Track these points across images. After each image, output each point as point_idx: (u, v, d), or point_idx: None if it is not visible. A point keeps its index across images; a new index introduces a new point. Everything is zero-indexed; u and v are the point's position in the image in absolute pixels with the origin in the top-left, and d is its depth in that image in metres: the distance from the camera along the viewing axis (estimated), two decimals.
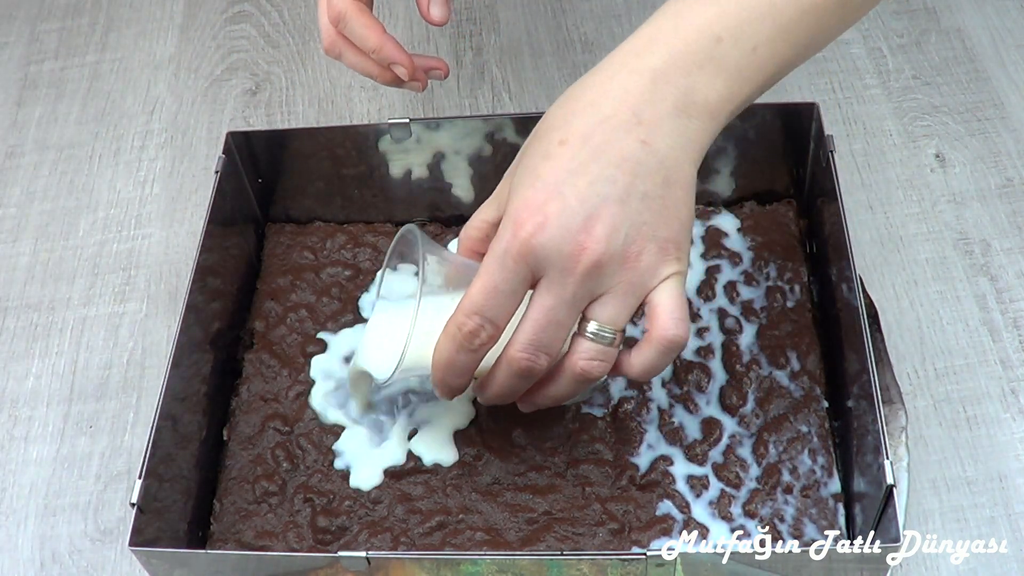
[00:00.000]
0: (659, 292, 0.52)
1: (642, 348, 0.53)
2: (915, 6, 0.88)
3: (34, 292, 0.79)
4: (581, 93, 0.53)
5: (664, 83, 0.51)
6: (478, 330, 0.52)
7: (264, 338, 0.69)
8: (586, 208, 0.50)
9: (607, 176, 0.50)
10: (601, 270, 0.51)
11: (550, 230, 0.50)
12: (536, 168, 0.52)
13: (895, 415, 0.64)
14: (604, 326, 0.52)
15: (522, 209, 0.51)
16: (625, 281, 0.51)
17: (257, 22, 0.95)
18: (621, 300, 0.52)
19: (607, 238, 0.50)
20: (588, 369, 0.53)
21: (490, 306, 0.52)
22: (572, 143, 0.51)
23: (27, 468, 0.70)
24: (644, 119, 0.51)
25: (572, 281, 0.51)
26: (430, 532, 0.60)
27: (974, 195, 0.76)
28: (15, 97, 0.92)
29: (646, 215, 0.51)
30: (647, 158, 0.51)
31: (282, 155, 0.72)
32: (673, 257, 0.52)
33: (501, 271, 0.51)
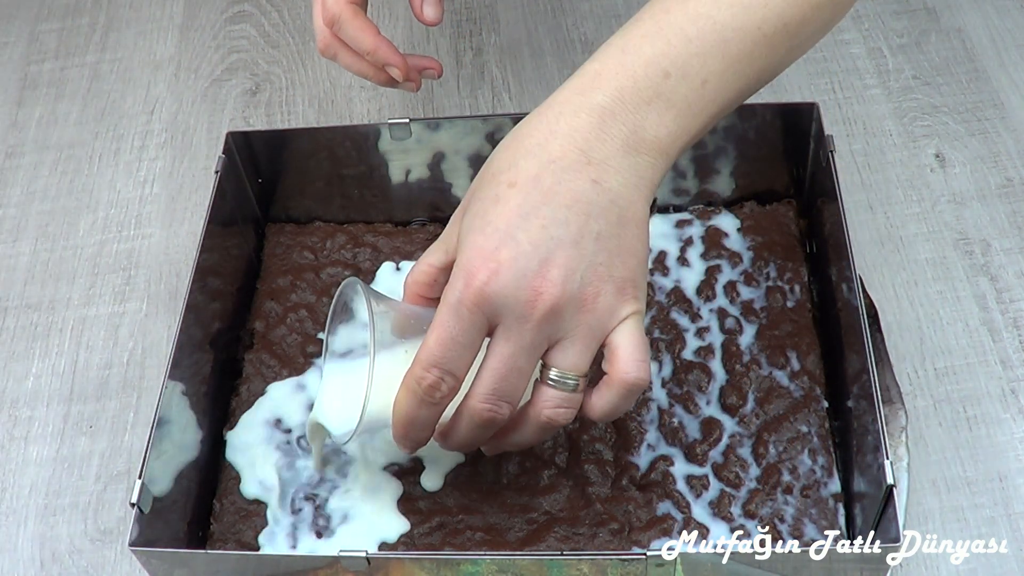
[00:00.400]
0: (618, 334, 0.51)
1: (602, 391, 0.52)
2: (915, 6, 0.88)
3: (34, 292, 0.79)
4: (528, 134, 0.52)
5: (612, 120, 0.51)
6: (438, 383, 0.51)
7: (264, 338, 0.69)
8: (540, 252, 0.49)
9: (560, 218, 0.50)
10: (559, 314, 0.50)
11: (504, 277, 0.49)
12: (486, 213, 0.51)
13: (895, 415, 0.64)
14: (566, 372, 0.51)
15: (475, 257, 0.50)
16: (584, 324, 0.50)
17: (257, 22, 0.95)
18: (581, 344, 0.51)
19: (563, 281, 0.49)
20: (553, 417, 0.52)
21: (448, 358, 0.50)
22: (522, 186, 0.50)
23: (27, 468, 0.70)
24: (594, 158, 0.50)
25: (530, 327, 0.50)
26: (430, 532, 0.60)
27: (974, 195, 0.76)
28: (15, 97, 0.92)
29: (601, 256, 0.50)
30: (599, 197, 0.50)
31: (282, 155, 0.72)
32: (631, 296, 0.51)
33: (457, 322, 0.50)
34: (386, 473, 0.63)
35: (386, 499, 0.62)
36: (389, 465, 0.63)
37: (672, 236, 0.71)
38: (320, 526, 0.61)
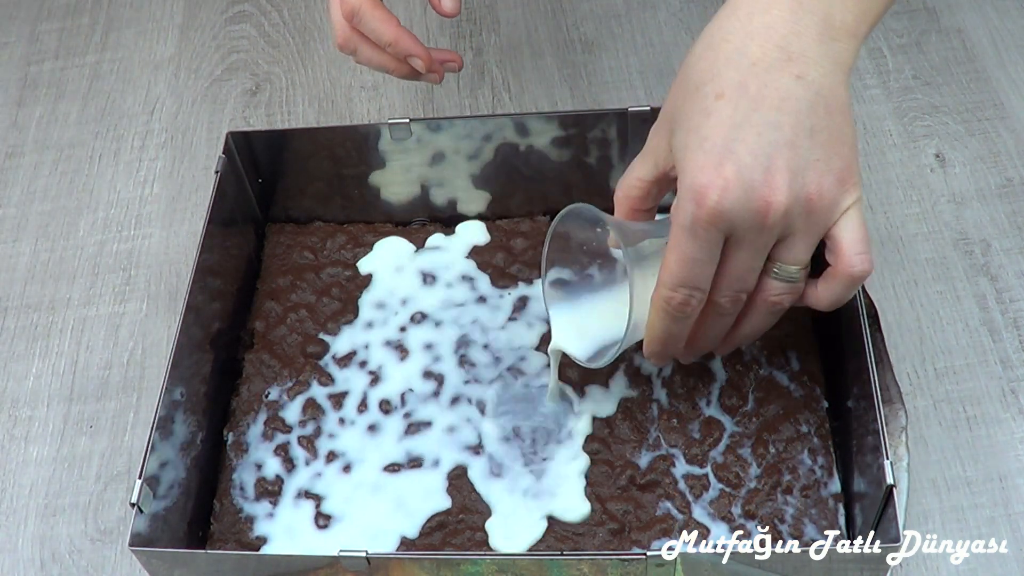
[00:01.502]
0: (840, 227, 0.52)
1: (828, 282, 0.54)
2: (915, 6, 0.88)
3: (34, 292, 0.79)
4: (724, 38, 0.52)
5: (802, 11, 0.51)
6: (687, 300, 0.53)
7: (264, 338, 0.69)
8: (761, 161, 0.50)
9: (772, 122, 0.50)
10: (788, 218, 0.51)
11: (733, 193, 0.50)
12: (700, 128, 0.51)
13: (895, 415, 0.64)
14: (790, 266, 0.53)
15: (699, 175, 0.50)
16: (810, 223, 0.51)
17: (257, 22, 0.95)
18: (805, 240, 0.52)
19: (789, 186, 0.50)
20: (779, 302, 0.54)
21: (692, 276, 0.52)
22: (729, 95, 0.51)
23: (27, 468, 0.70)
24: (793, 53, 0.51)
25: (763, 234, 0.51)
26: (430, 532, 0.60)
27: (974, 195, 0.76)
28: (15, 97, 0.92)
29: (818, 151, 0.51)
30: (805, 92, 0.50)
31: (282, 155, 0.72)
32: (851, 184, 0.52)
33: (694, 241, 0.51)
34: (386, 473, 0.63)
35: (386, 499, 0.62)
36: (389, 465, 0.63)
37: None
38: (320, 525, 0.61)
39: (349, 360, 0.68)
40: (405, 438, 0.64)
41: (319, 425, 0.65)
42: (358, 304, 0.70)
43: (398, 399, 0.65)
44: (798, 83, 0.50)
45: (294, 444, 0.64)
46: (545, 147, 0.70)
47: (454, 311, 0.69)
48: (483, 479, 0.62)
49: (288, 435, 0.65)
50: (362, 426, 0.65)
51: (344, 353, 0.68)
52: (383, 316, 0.69)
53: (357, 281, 0.71)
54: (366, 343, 0.68)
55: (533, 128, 0.69)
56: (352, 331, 0.69)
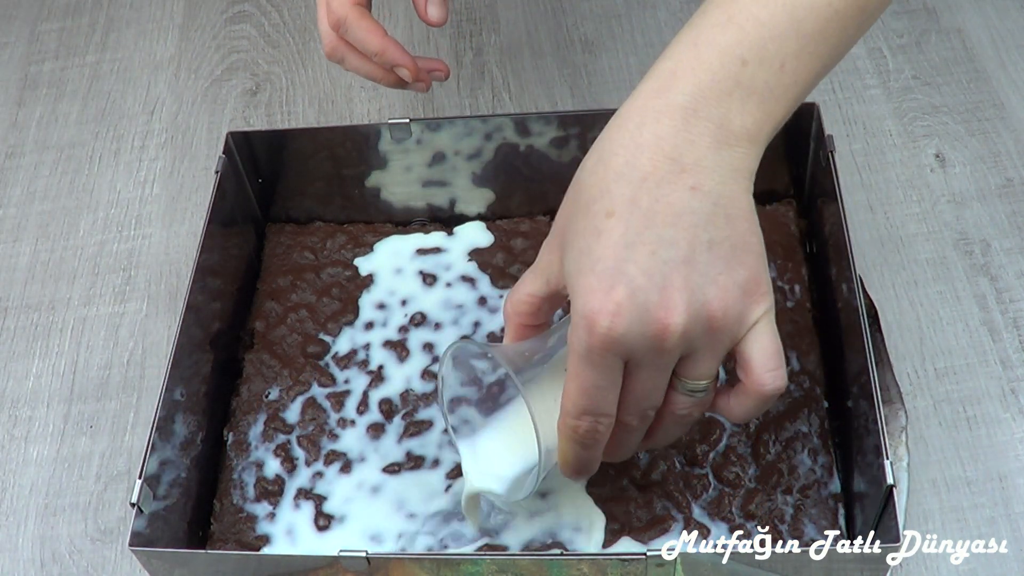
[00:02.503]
0: (749, 342, 0.50)
1: (740, 398, 0.52)
2: (915, 6, 0.88)
3: (34, 292, 0.79)
4: (613, 152, 0.50)
5: (696, 119, 0.48)
6: (594, 427, 0.50)
7: (264, 338, 0.69)
8: (655, 281, 0.47)
9: (666, 239, 0.47)
10: (688, 337, 0.48)
11: (626, 317, 0.47)
12: (591, 250, 0.48)
13: (895, 415, 0.64)
14: (696, 381, 0.50)
15: (589, 300, 0.47)
16: (713, 339, 0.49)
17: (257, 22, 0.95)
18: (711, 356, 0.50)
19: (687, 305, 0.47)
20: (688, 415, 0.52)
21: (594, 403, 0.49)
22: (620, 213, 0.48)
23: (27, 468, 0.70)
24: (686, 164, 0.48)
25: (664, 355, 0.48)
26: (430, 532, 0.60)
27: (974, 195, 0.76)
28: (15, 97, 0.92)
29: (719, 264, 0.48)
30: (700, 205, 0.48)
31: (282, 155, 0.72)
32: (759, 295, 0.49)
33: (591, 369, 0.48)
34: (386, 473, 0.63)
35: (386, 499, 0.62)
36: (389, 465, 0.63)
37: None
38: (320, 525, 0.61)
39: (349, 360, 0.68)
40: (405, 438, 0.64)
41: (319, 425, 0.65)
42: (358, 304, 0.70)
43: (398, 399, 0.65)
44: (693, 195, 0.48)
45: (294, 444, 0.64)
46: (545, 147, 0.70)
47: (454, 312, 0.69)
48: None
49: (288, 435, 0.65)
50: (362, 426, 0.65)
51: (344, 353, 0.68)
52: (383, 316, 0.69)
53: (357, 281, 0.71)
54: (366, 343, 0.68)
55: (533, 128, 0.69)
56: (352, 331, 0.69)
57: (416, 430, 0.64)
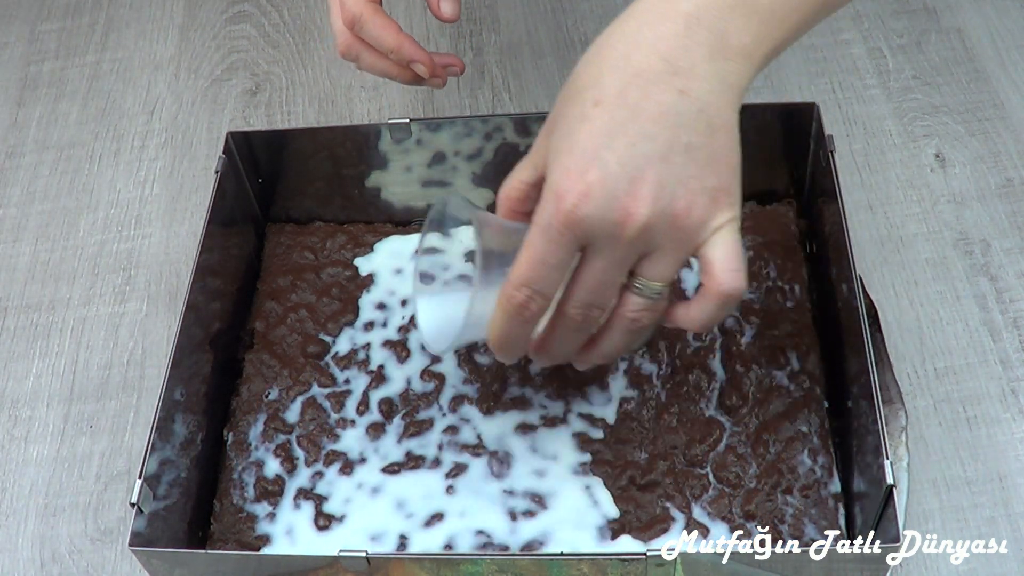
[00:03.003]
0: (711, 245, 0.51)
1: (700, 302, 0.52)
2: (915, 6, 0.88)
3: (34, 292, 0.79)
4: (611, 46, 0.51)
5: (697, 27, 0.49)
6: (528, 302, 0.51)
7: (264, 338, 0.69)
8: (629, 171, 0.48)
9: (647, 134, 0.49)
10: (650, 231, 0.49)
11: (594, 200, 0.48)
12: (573, 133, 0.50)
13: (895, 415, 0.64)
14: (652, 281, 0.51)
15: (563, 179, 0.49)
16: (675, 239, 0.50)
17: (257, 22, 0.95)
18: (671, 256, 0.51)
19: (653, 199, 0.49)
20: (638, 319, 0.53)
21: (538, 278, 0.50)
22: (607, 103, 0.49)
23: (27, 468, 0.70)
24: (679, 67, 0.49)
25: (621, 246, 0.50)
26: (430, 532, 0.60)
27: (974, 195, 0.76)
28: (15, 97, 0.92)
29: (692, 168, 0.49)
30: (686, 108, 0.49)
31: (282, 155, 0.72)
32: (725, 204, 0.50)
33: (547, 244, 0.50)
34: (386, 473, 0.63)
35: (386, 499, 0.62)
36: (389, 465, 0.63)
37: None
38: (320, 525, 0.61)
39: (349, 360, 0.68)
40: (405, 438, 0.64)
41: (319, 425, 0.65)
42: (358, 304, 0.70)
43: (398, 399, 0.65)
44: (680, 98, 0.49)
45: (294, 444, 0.64)
46: None
47: None
48: (483, 479, 0.62)
49: (288, 435, 0.65)
50: (362, 426, 0.65)
51: (344, 353, 0.68)
52: (383, 316, 0.69)
53: (357, 281, 0.71)
54: (366, 343, 0.68)
55: (533, 128, 0.69)
56: (352, 331, 0.69)
57: (416, 430, 0.64)
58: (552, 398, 0.64)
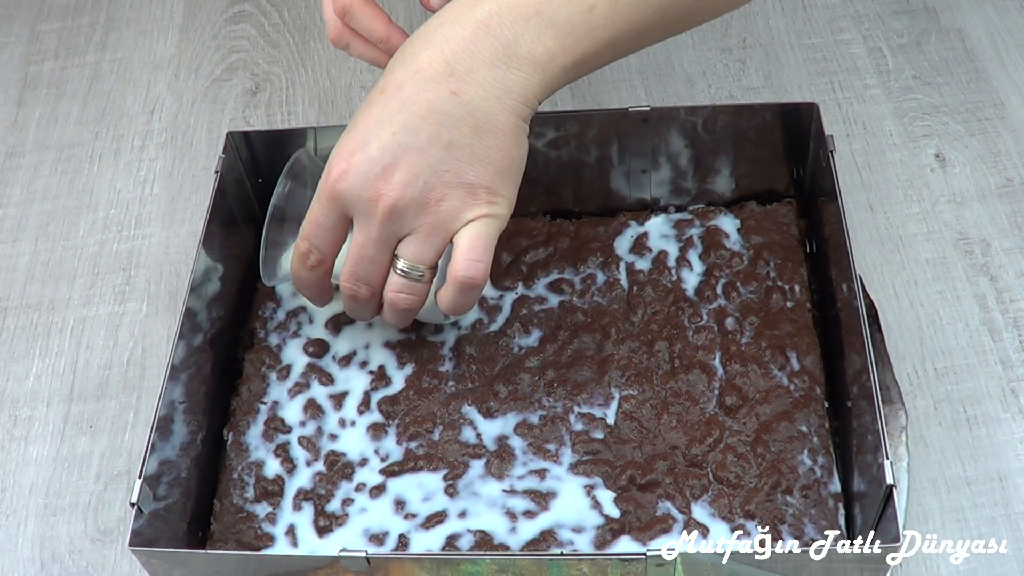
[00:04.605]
0: (461, 234, 0.56)
1: (446, 287, 0.58)
2: (915, 6, 0.88)
3: (34, 292, 0.79)
4: (411, 42, 0.56)
5: (485, 34, 0.54)
6: (307, 253, 0.59)
7: (264, 338, 0.69)
8: (386, 158, 0.54)
9: (411, 126, 0.54)
10: (400, 214, 0.55)
11: (351, 178, 0.55)
12: (358, 115, 0.56)
13: (895, 415, 0.64)
14: (409, 263, 0.57)
15: (336, 155, 0.56)
16: (427, 224, 0.55)
17: (257, 22, 0.95)
18: (424, 240, 0.56)
19: (404, 185, 0.54)
20: (396, 301, 0.59)
21: (314, 235, 0.58)
22: (387, 92, 0.55)
23: (27, 468, 0.70)
24: (457, 69, 0.54)
25: (375, 223, 0.55)
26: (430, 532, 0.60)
27: (974, 195, 0.76)
28: (15, 97, 0.92)
29: (450, 163, 0.54)
30: (455, 109, 0.54)
31: (282, 155, 0.72)
32: (482, 201, 0.55)
33: (319, 207, 0.57)
34: (386, 473, 0.63)
35: (386, 499, 0.62)
36: (389, 465, 0.63)
37: (672, 236, 0.71)
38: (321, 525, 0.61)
39: (349, 360, 0.68)
40: (405, 439, 0.64)
41: (319, 425, 0.65)
42: None
43: (399, 400, 0.65)
44: (451, 98, 0.54)
45: (294, 444, 0.64)
46: (544, 147, 0.70)
47: None
48: (483, 479, 0.62)
49: (288, 435, 0.65)
50: (362, 426, 0.65)
51: (344, 353, 0.68)
52: None
53: None
54: (367, 343, 0.68)
55: (533, 128, 0.69)
56: (352, 331, 0.69)
57: (416, 431, 0.64)
58: (552, 398, 0.64)
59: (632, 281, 0.69)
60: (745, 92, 0.83)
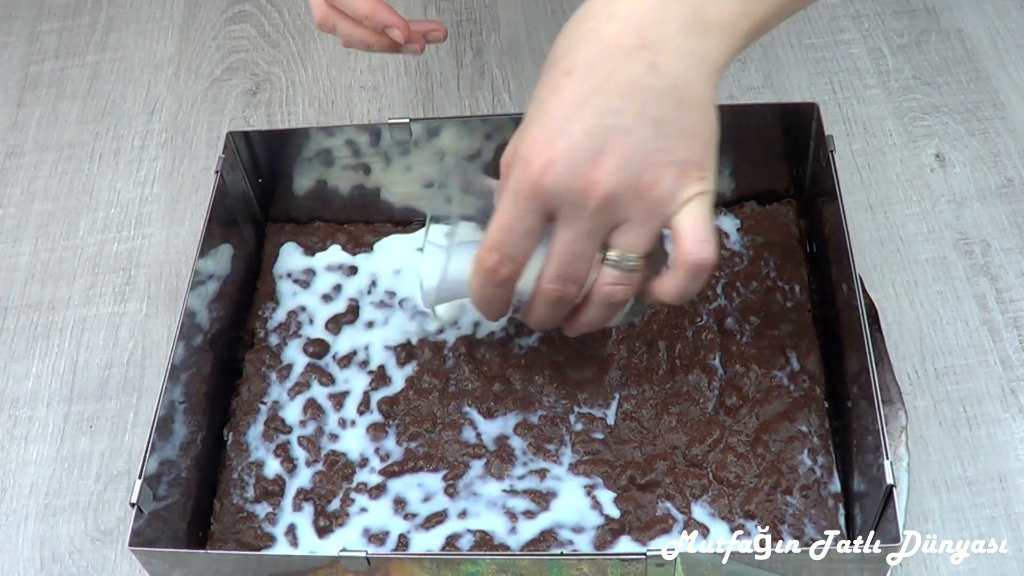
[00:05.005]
0: (681, 216, 0.51)
1: (671, 273, 0.53)
2: (915, 6, 0.88)
3: (34, 292, 0.79)
4: (585, 19, 0.52)
5: (671, 2, 0.50)
6: (498, 266, 0.52)
7: (264, 338, 0.69)
8: (593, 143, 0.49)
9: (613, 107, 0.49)
10: (615, 202, 0.50)
11: (558, 169, 0.49)
12: (543, 103, 0.51)
13: (895, 415, 0.64)
14: (624, 253, 0.52)
15: (531, 148, 0.50)
16: (643, 209, 0.51)
17: (257, 22, 0.95)
18: (640, 228, 0.51)
19: (618, 170, 0.49)
20: (612, 293, 0.53)
21: (507, 243, 0.52)
22: (577, 74, 0.50)
23: (27, 468, 0.70)
24: (651, 42, 0.49)
25: (587, 216, 0.50)
26: (430, 532, 0.60)
27: (974, 195, 0.76)
28: (15, 97, 0.92)
29: (660, 141, 0.50)
30: (656, 83, 0.49)
31: (282, 155, 0.72)
32: (695, 178, 0.51)
33: (514, 210, 0.51)
34: (386, 473, 0.63)
35: (386, 499, 0.62)
36: (389, 465, 0.63)
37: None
38: (321, 525, 0.61)
39: (350, 360, 0.68)
40: (405, 439, 0.64)
41: (319, 425, 0.65)
42: (358, 304, 0.70)
43: (399, 400, 0.65)
44: (650, 72, 0.49)
45: (294, 444, 0.64)
46: None
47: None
48: (483, 479, 0.62)
49: (288, 435, 0.65)
50: (362, 427, 0.65)
51: (344, 353, 0.68)
52: (383, 316, 0.69)
53: (357, 281, 0.71)
54: (367, 343, 0.68)
55: None
56: (353, 331, 0.69)
57: (416, 431, 0.64)
58: (552, 398, 0.64)
59: None
60: (745, 92, 0.83)
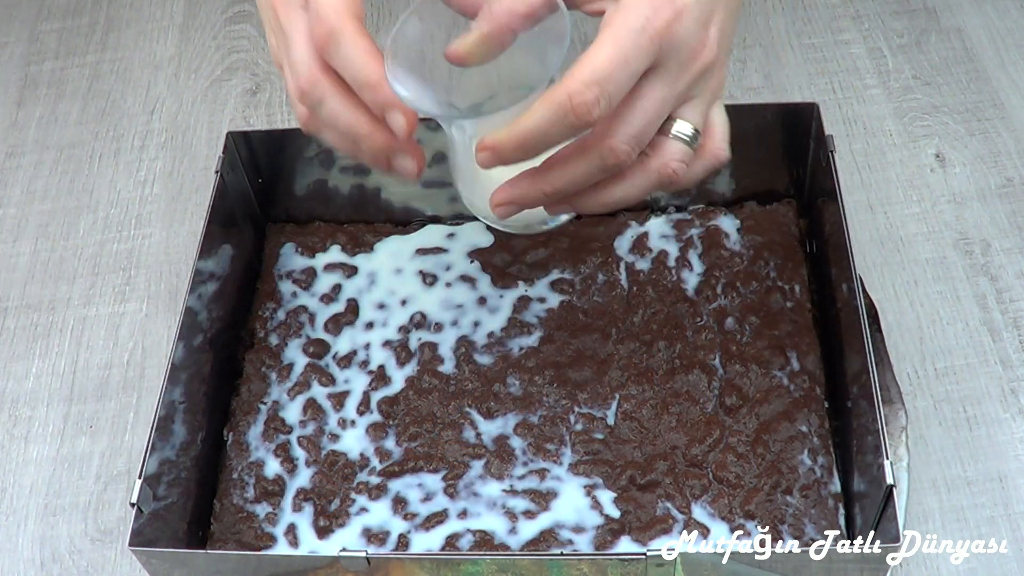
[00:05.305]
0: (716, 110, 0.52)
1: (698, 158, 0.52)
2: (915, 6, 0.88)
3: (34, 292, 0.79)
4: None
5: None
6: (594, 104, 0.46)
7: (264, 338, 0.69)
8: (704, 9, 0.49)
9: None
10: (708, 73, 0.50)
11: (685, 22, 0.47)
12: None
13: (895, 415, 0.64)
14: (689, 124, 0.50)
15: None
16: (710, 90, 0.51)
17: (257, 22, 0.95)
18: (705, 106, 0.51)
19: (717, 43, 0.49)
20: (677, 171, 0.50)
21: (615, 80, 0.46)
22: None
23: (27, 468, 0.70)
24: None
25: (686, 78, 0.49)
26: (430, 532, 0.60)
27: (974, 195, 0.76)
28: (15, 97, 0.92)
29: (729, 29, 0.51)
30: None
31: (282, 155, 0.72)
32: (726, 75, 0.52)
33: (636, 48, 0.46)
34: (386, 473, 0.63)
35: (386, 499, 0.62)
36: (389, 465, 0.63)
37: (672, 237, 0.71)
38: (321, 525, 0.61)
39: (350, 360, 0.68)
40: (405, 439, 0.64)
41: (319, 425, 0.65)
42: (358, 304, 0.70)
43: (399, 400, 0.65)
44: None
45: (294, 444, 0.64)
46: None
47: (454, 312, 0.69)
48: (483, 479, 0.62)
49: (288, 435, 0.65)
50: (362, 427, 0.65)
51: (344, 353, 0.68)
52: (383, 316, 0.69)
53: (357, 281, 0.71)
54: (367, 343, 0.68)
55: None
56: (353, 331, 0.69)
57: (416, 431, 0.64)
58: (552, 398, 0.64)
59: (632, 281, 0.69)
60: (745, 92, 0.83)
